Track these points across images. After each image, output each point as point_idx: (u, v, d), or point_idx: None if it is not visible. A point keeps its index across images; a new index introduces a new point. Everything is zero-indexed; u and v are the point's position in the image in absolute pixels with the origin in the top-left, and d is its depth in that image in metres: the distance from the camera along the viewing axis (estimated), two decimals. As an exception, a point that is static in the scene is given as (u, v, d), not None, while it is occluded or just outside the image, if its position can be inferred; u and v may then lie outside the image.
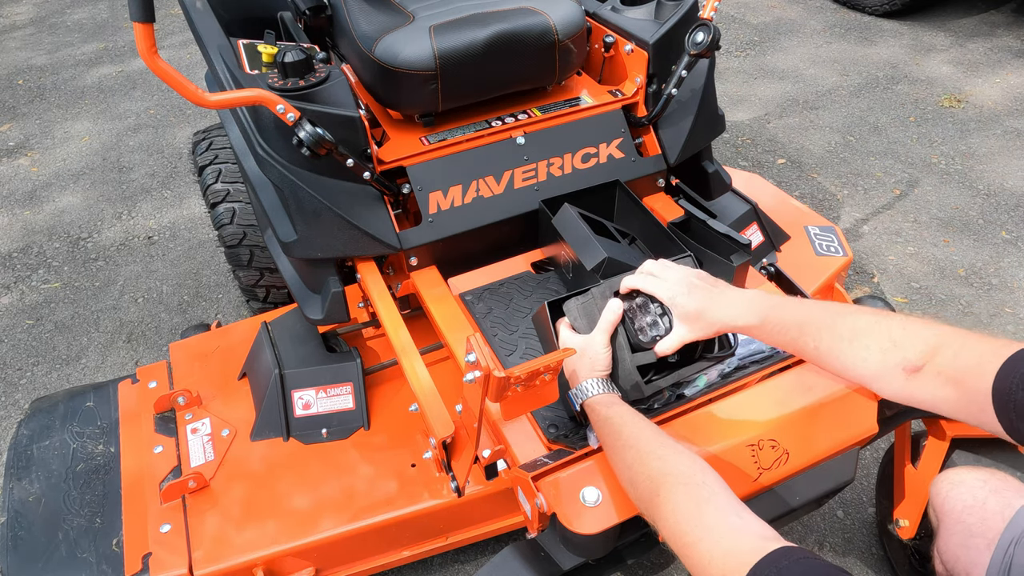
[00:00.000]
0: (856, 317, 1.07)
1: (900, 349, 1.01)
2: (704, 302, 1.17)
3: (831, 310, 1.10)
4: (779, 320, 1.12)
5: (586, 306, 1.30)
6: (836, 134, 3.38)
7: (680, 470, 0.99)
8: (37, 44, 4.62)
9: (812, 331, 1.09)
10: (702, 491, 0.94)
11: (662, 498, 0.96)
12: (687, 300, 1.17)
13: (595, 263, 1.52)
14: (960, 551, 1.28)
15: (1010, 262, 2.63)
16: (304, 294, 1.75)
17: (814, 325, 1.09)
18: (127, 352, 2.48)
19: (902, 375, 1.01)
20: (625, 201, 1.76)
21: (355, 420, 1.71)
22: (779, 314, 1.12)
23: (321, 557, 1.54)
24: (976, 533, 1.26)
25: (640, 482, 1.02)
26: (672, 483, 0.97)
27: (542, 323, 1.37)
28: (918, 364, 0.99)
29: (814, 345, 1.09)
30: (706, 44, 1.66)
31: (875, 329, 1.04)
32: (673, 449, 1.04)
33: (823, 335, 1.08)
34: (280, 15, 2.01)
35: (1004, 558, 1.19)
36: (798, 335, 1.11)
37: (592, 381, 1.22)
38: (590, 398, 1.21)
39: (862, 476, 1.93)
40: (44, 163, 3.50)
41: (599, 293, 1.29)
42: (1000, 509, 1.26)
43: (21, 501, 1.62)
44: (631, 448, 1.06)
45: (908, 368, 1.00)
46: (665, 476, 0.99)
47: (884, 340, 1.03)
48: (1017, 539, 1.20)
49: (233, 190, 2.11)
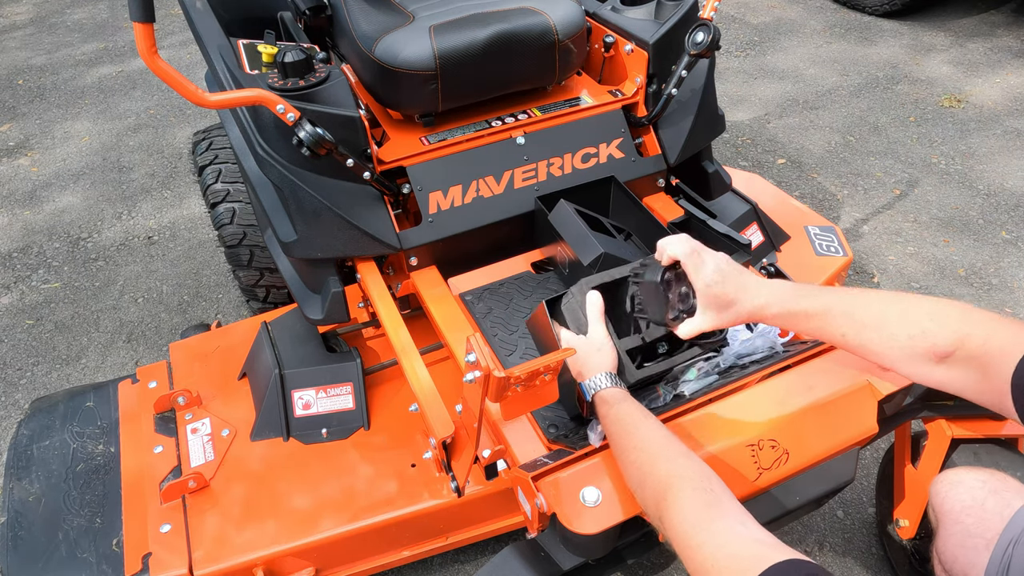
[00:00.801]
0: (883, 304, 1.06)
1: (929, 336, 1.00)
2: (738, 291, 1.15)
3: (857, 298, 1.09)
4: (805, 309, 1.11)
5: (568, 305, 1.31)
6: (836, 134, 3.38)
7: (689, 474, 0.99)
8: (37, 44, 4.62)
9: (838, 319, 1.08)
10: (709, 496, 0.94)
11: (669, 500, 0.96)
12: (723, 288, 1.15)
13: (592, 258, 1.53)
14: (959, 551, 1.28)
15: (1010, 262, 2.63)
16: (304, 294, 1.75)
17: (840, 313, 1.08)
18: (127, 352, 2.48)
19: (931, 361, 1.01)
20: (620, 197, 1.77)
21: (355, 420, 1.71)
22: (805, 303, 1.11)
23: (321, 557, 1.54)
24: (975, 533, 1.26)
25: (648, 484, 1.02)
26: (680, 486, 0.97)
27: (540, 323, 1.37)
28: (947, 351, 0.99)
29: (841, 333, 1.09)
30: (706, 44, 1.66)
31: (904, 317, 1.03)
32: (683, 453, 1.04)
33: (850, 323, 1.07)
34: (280, 15, 2.01)
35: (1003, 558, 1.19)
36: (824, 323, 1.10)
37: (603, 375, 1.22)
38: (602, 391, 1.20)
39: (862, 476, 1.93)
40: (44, 163, 3.50)
41: (577, 291, 1.30)
42: (999, 510, 1.25)
43: (21, 501, 1.62)
44: (641, 450, 1.06)
45: (937, 355, 0.99)
46: (673, 478, 0.99)
47: (913, 327, 1.02)
48: (1015, 539, 1.20)
49: (233, 190, 2.11)
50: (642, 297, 1.28)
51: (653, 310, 1.25)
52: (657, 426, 1.11)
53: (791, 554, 0.82)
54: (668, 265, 1.22)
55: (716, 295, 1.16)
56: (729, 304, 1.16)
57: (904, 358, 1.03)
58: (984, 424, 1.46)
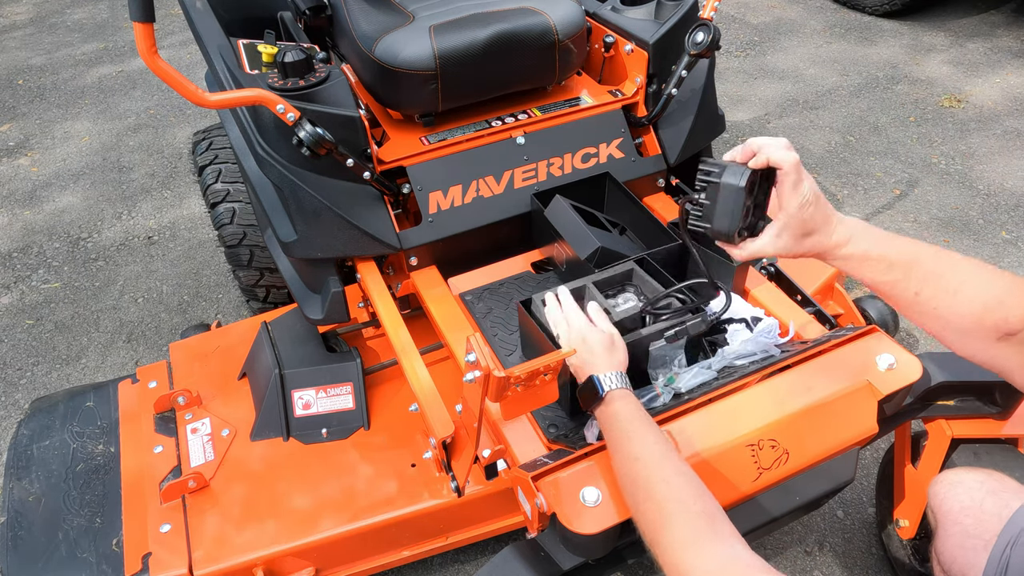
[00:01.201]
0: (969, 271, 1.00)
1: (1004, 308, 0.95)
2: (825, 220, 1.05)
3: (943, 258, 1.01)
4: (890, 256, 1.01)
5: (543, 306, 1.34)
6: (836, 134, 3.38)
7: (684, 497, 0.98)
8: (37, 44, 4.62)
9: (919, 276, 1.00)
10: (701, 522, 0.94)
11: (664, 528, 0.96)
12: (813, 211, 1.04)
13: (588, 252, 1.53)
14: (957, 552, 1.28)
15: (1010, 262, 2.63)
16: (304, 294, 1.75)
17: (923, 270, 1.00)
18: (127, 352, 2.48)
19: (993, 336, 0.96)
20: (615, 193, 1.77)
21: (355, 420, 1.71)
22: (894, 249, 1.02)
23: (321, 557, 1.54)
24: (973, 534, 1.26)
25: (643, 505, 1.01)
26: (674, 512, 0.96)
27: (525, 322, 1.38)
28: (1016, 328, 0.94)
29: (915, 291, 1.00)
30: (706, 44, 1.66)
31: (988, 285, 0.98)
32: (679, 471, 1.02)
33: (929, 282, 1.00)
34: (280, 15, 2.01)
35: (1001, 559, 1.19)
36: (902, 277, 1.01)
37: (616, 373, 1.18)
38: (614, 390, 1.17)
39: (862, 476, 1.93)
40: (44, 163, 3.50)
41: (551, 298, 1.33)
42: (997, 510, 1.26)
43: (21, 501, 1.62)
44: (638, 461, 1.05)
45: (1005, 331, 0.95)
46: (669, 503, 0.97)
47: (991, 297, 0.97)
48: (1014, 540, 1.20)
49: (233, 190, 2.11)
50: (706, 201, 1.10)
51: (721, 219, 1.08)
52: (656, 436, 1.09)
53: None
54: (759, 169, 1.06)
55: (805, 219, 1.04)
56: (811, 231, 1.05)
57: (970, 328, 0.97)
58: (984, 424, 1.46)
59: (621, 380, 1.19)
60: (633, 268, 1.49)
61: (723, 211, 1.08)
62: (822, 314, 1.59)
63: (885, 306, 2.08)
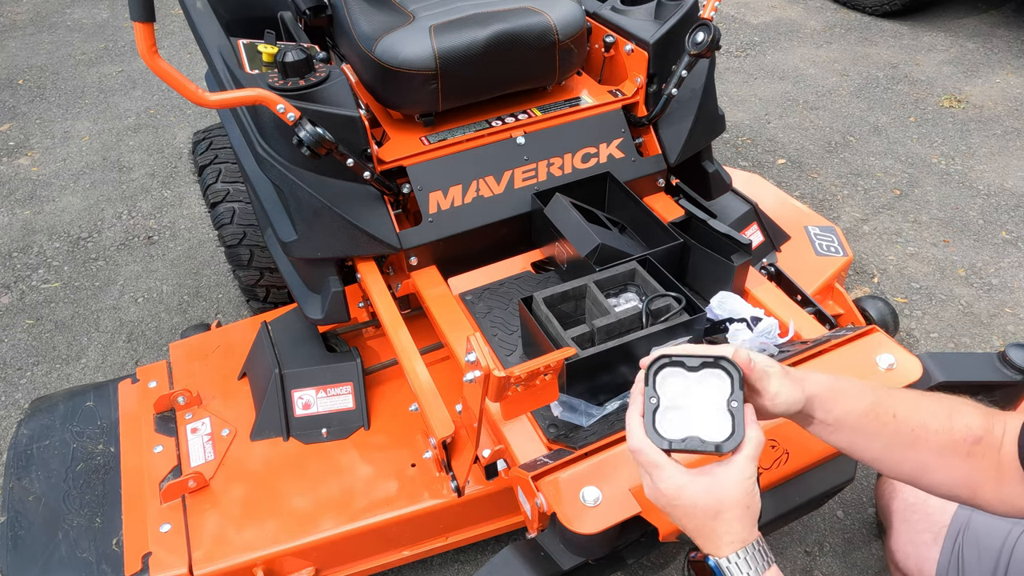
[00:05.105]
0: (932, 399, 0.97)
1: (963, 417, 0.94)
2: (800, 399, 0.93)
3: (916, 398, 0.97)
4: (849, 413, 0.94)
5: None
6: (836, 134, 3.38)
7: None
8: (37, 44, 4.61)
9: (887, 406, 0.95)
10: None
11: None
12: (786, 400, 0.91)
13: (589, 250, 1.53)
14: (909, 548, 1.30)
15: (1010, 262, 2.63)
16: (304, 294, 1.75)
17: (900, 408, 0.95)
18: (127, 352, 2.48)
19: (963, 449, 0.93)
20: (616, 192, 1.77)
21: (355, 420, 1.71)
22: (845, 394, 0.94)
23: (321, 557, 1.54)
24: (921, 529, 1.29)
25: None
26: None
27: (527, 321, 1.37)
28: (980, 434, 0.92)
29: (893, 414, 0.94)
30: (706, 44, 1.66)
31: (934, 407, 0.96)
32: None
33: (912, 413, 0.94)
34: (280, 15, 2.01)
35: (953, 549, 1.22)
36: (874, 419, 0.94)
37: (757, 548, 0.81)
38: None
39: (862, 476, 1.93)
40: (44, 163, 3.49)
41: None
42: (941, 504, 1.28)
43: (21, 501, 1.62)
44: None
45: (971, 439, 0.93)
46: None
47: (944, 414, 0.94)
48: (962, 529, 1.22)
49: (233, 190, 2.11)
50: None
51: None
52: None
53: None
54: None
55: (782, 413, 0.94)
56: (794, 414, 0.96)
57: (945, 444, 0.93)
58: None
59: (766, 562, 0.81)
60: (635, 268, 1.49)
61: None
62: (822, 314, 1.59)
63: (885, 306, 2.08)
